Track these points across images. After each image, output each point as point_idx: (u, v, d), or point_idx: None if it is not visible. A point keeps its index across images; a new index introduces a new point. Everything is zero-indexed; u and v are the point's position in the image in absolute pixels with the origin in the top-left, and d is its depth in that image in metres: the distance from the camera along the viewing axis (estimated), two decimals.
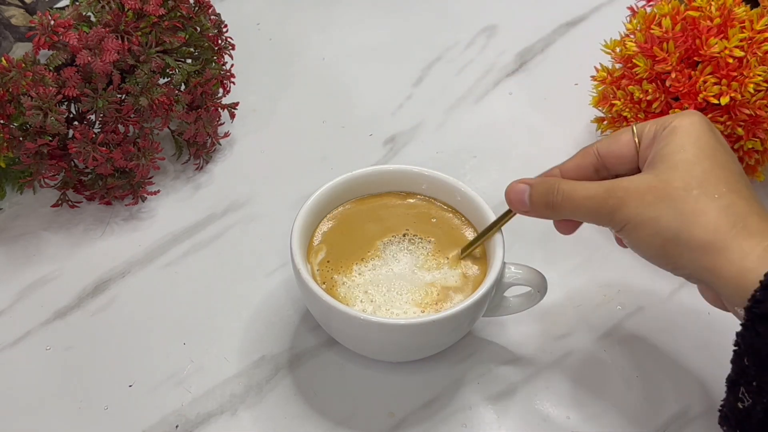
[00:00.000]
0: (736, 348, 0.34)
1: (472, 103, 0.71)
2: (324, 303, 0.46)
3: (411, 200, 0.54)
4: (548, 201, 0.42)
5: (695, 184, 0.37)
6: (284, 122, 0.69)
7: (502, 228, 0.49)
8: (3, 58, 0.54)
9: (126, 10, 0.57)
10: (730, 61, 0.53)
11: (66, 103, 0.57)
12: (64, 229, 0.60)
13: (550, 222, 0.47)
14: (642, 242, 0.39)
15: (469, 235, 0.52)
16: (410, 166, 0.54)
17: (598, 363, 0.52)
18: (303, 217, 0.50)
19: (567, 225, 0.46)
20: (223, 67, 0.65)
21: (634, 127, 0.42)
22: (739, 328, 0.34)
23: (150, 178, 0.61)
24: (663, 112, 0.55)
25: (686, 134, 0.39)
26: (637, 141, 0.41)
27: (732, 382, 0.34)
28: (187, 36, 0.61)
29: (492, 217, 0.50)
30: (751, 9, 0.55)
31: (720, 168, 0.38)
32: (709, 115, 0.54)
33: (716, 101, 0.53)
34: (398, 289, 0.49)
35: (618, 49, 0.58)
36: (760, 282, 0.32)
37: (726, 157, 0.39)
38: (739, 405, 0.34)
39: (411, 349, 0.49)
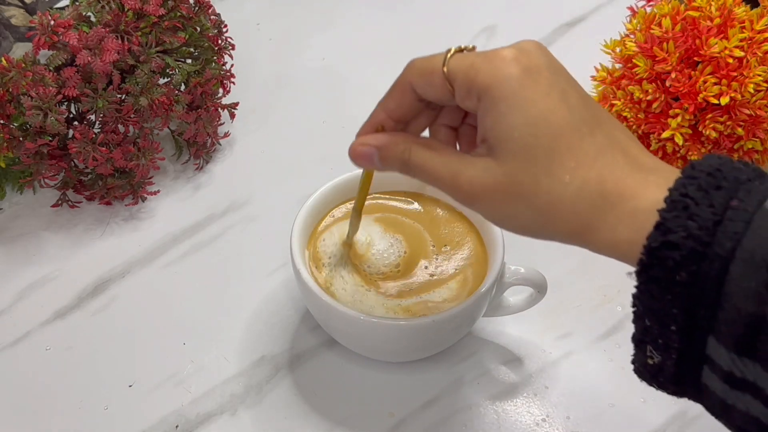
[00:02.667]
0: (634, 309, 0.33)
1: None
2: (324, 303, 0.46)
3: (415, 203, 0.54)
4: (401, 168, 0.39)
5: (542, 173, 0.34)
6: (284, 122, 0.69)
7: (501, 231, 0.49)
8: (3, 58, 0.54)
9: (126, 10, 0.57)
10: (730, 61, 0.53)
11: (66, 103, 0.57)
12: (64, 229, 0.60)
13: None
14: (509, 230, 0.37)
15: (471, 238, 0.52)
16: None
17: (598, 363, 0.52)
18: (303, 217, 0.50)
19: None
20: (223, 67, 0.65)
21: (445, 69, 0.37)
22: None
23: (150, 178, 0.61)
24: (663, 113, 0.55)
25: (508, 105, 0.34)
26: (450, 88, 0.37)
27: (638, 341, 0.34)
28: (187, 36, 0.61)
29: None
30: (751, 9, 0.55)
31: (561, 136, 0.34)
32: (709, 115, 0.54)
33: (716, 101, 0.53)
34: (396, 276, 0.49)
35: (618, 49, 0.58)
36: (644, 246, 0.32)
37: (561, 111, 0.34)
38: (649, 362, 0.34)
39: (411, 349, 0.49)
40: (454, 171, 0.37)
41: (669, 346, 0.32)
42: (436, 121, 0.41)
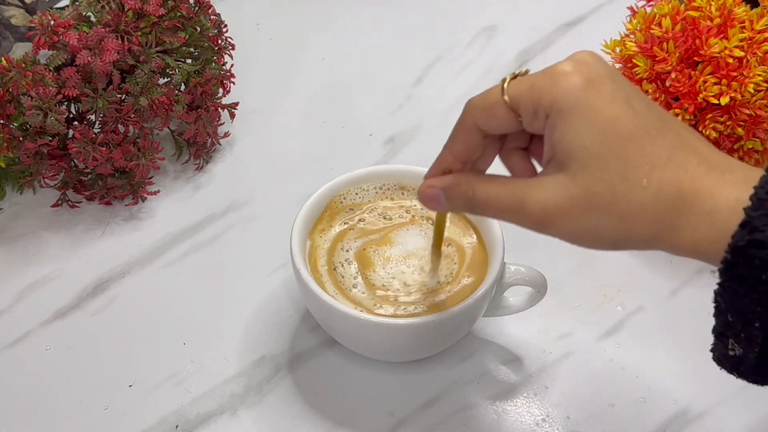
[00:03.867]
0: (716, 305, 0.34)
1: None
2: (324, 303, 0.46)
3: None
4: (468, 207, 0.39)
5: (617, 180, 0.34)
6: (284, 122, 0.69)
7: (501, 229, 0.49)
8: (3, 58, 0.54)
9: (126, 10, 0.57)
10: (730, 61, 0.53)
11: (66, 103, 0.57)
12: (64, 229, 0.60)
13: None
14: (587, 246, 0.37)
15: (471, 238, 0.52)
16: (411, 165, 0.54)
17: (598, 363, 0.52)
18: (303, 217, 0.50)
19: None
20: (223, 67, 0.65)
21: (506, 98, 0.36)
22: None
23: (150, 178, 0.61)
24: None
25: (575, 115, 0.34)
26: (516, 115, 0.37)
27: (719, 334, 0.35)
28: (187, 36, 0.61)
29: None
30: (751, 9, 0.55)
31: (631, 140, 0.34)
32: (709, 115, 0.54)
33: (716, 101, 0.53)
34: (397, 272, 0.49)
35: (618, 49, 0.58)
36: (729, 245, 0.32)
37: (628, 116, 0.34)
38: (731, 353, 0.34)
39: (411, 349, 0.49)
40: (519, 198, 0.36)
41: (751, 340, 0.33)
42: (505, 147, 0.40)
